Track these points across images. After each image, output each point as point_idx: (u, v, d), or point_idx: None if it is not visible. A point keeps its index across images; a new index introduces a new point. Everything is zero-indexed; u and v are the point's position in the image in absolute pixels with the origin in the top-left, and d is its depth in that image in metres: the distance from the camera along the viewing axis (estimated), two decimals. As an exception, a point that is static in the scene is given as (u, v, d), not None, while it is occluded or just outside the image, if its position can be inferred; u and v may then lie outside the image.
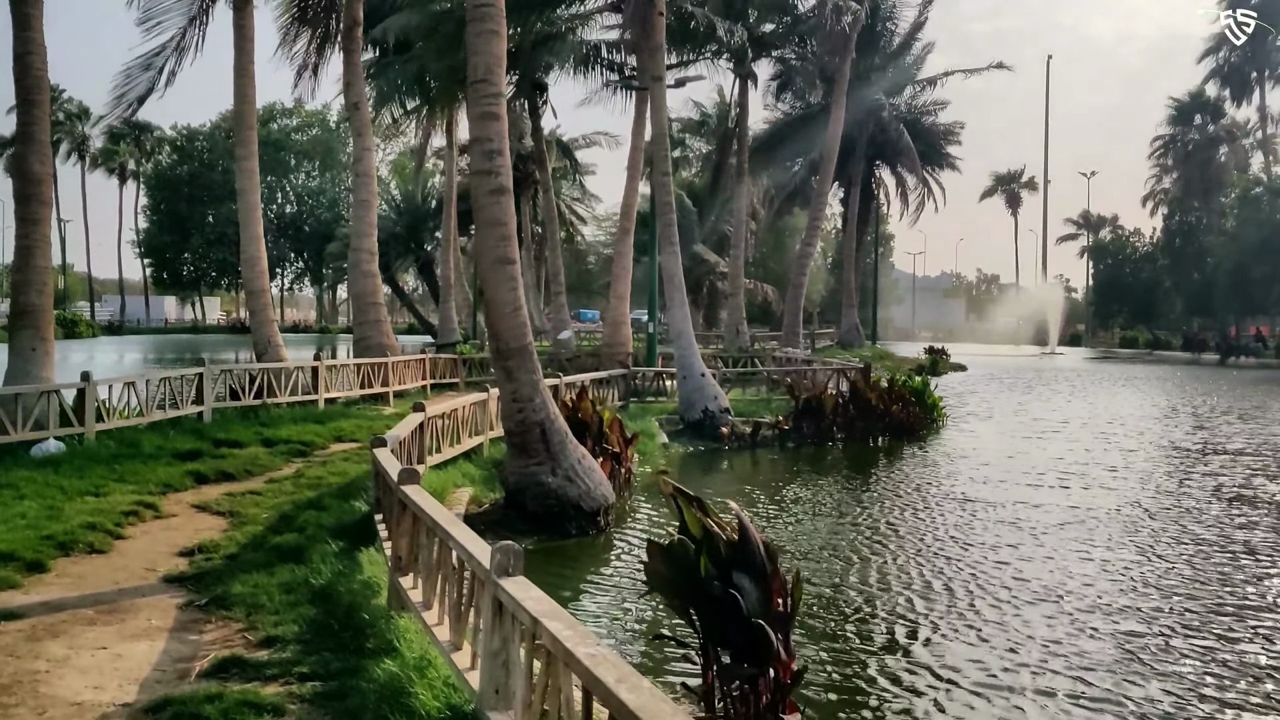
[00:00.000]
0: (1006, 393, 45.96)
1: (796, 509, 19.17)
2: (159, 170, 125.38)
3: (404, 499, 9.96)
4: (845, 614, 12.68)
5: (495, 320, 16.09)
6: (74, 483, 16.06)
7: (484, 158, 16.06)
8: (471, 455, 20.03)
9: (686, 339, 27.95)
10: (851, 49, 44.36)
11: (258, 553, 12.88)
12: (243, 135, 29.07)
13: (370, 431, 23.35)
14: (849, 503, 19.90)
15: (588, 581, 14.00)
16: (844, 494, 21.00)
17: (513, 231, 16.26)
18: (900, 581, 14.10)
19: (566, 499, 15.97)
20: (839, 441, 28.01)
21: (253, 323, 29.69)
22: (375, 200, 34.12)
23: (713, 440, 26.50)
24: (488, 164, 16.04)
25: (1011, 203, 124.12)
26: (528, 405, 16.08)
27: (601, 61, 44.93)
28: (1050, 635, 11.72)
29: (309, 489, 16.80)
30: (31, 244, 20.39)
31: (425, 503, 9.29)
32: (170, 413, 22.27)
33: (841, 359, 42.89)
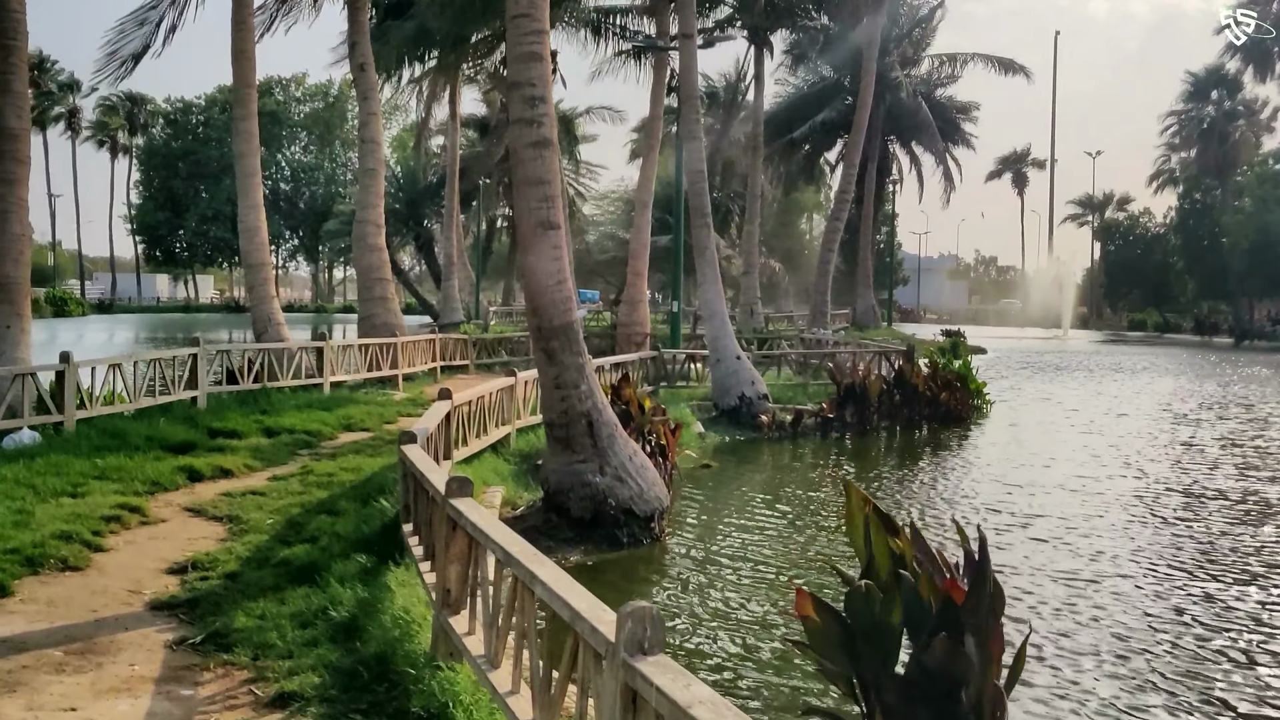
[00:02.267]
0: (1036, 377, 43.82)
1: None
2: (152, 145, 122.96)
3: (455, 517, 7.88)
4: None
5: (536, 294, 13.95)
6: (49, 481, 13.92)
7: (525, 105, 13.90)
8: (498, 447, 17.92)
9: (720, 319, 25.82)
10: (884, 8, 42.10)
11: (263, 570, 10.80)
12: (241, 94, 26.73)
13: (381, 419, 21.31)
14: (935, 499, 17.91)
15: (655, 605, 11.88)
16: (924, 488, 18.92)
17: (557, 191, 14.13)
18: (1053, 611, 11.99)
19: (617, 502, 13.87)
20: (882, 430, 25.95)
21: (252, 299, 27.37)
22: (382, 169, 31.93)
23: (751, 429, 24.39)
24: (529, 112, 13.89)
25: (1018, 183, 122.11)
26: (572, 393, 13.96)
27: (612, 28, 42.67)
28: None
29: (319, 488, 14.69)
30: (6, 208, 18.19)
31: (489, 526, 7.18)
32: (160, 398, 20.08)
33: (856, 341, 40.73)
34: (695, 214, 26.13)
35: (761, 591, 12.28)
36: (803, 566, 13.49)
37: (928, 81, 62.77)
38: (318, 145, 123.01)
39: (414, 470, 10.23)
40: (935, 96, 62.64)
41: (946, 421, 26.68)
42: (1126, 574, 13.31)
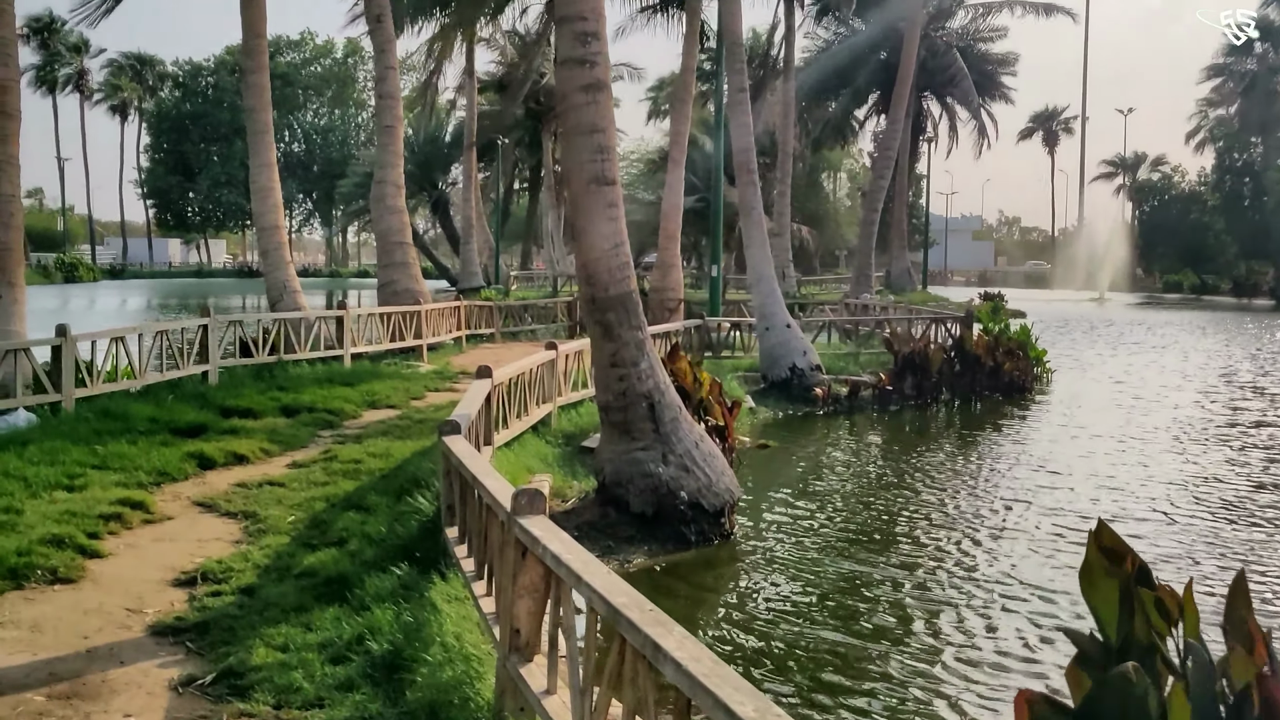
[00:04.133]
0: (1085, 342, 41.94)
1: (983, 500, 15.36)
2: (161, 108, 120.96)
3: (527, 543, 6.25)
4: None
5: (589, 260, 12.25)
6: (42, 471, 12.31)
7: (575, 41, 12.15)
8: (539, 427, 16.26)
9: (768, 283, 24.05)
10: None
11: (284, 583, 9.22)
12: (251, 44, 24.83)
13: (408, 394, 19.70)
14: (1041, 484, 16.12)
15: (737, 623, 10.20)
16: (1023, 480, 16.72)
17: (613, 142, 12.39)
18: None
19: (683, 495, 12.20)
20: (943, 403, 24.24)
21: (265, 265, 25.60)
22: (401, 126, 30.10)
23: (804, 403, 22.67)
24: (580, 50, 12.14)
25: (1049, 142, 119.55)
26: (631, 371, 12.28)
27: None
28: None
29: (345, 477, 13.06)
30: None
31: (581, 563, 5.54)
32: (168, 373, 18.42)
33: (907, 306, 38.81)
34: (741, 170, 24.35)
35: (871, 604, 10.62)
36: (909, 577, 11.84)
37: (964, 34, 60.53)
38: (330, 107, 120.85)
39: (464, 473, 8.60)
40: (972, 50, 60.37)
41: (1009, 392, 24.98)
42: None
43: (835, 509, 14.66)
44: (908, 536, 13.08)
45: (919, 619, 10.05)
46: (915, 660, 9.07)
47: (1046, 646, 9.28)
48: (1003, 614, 10.21)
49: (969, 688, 8.56)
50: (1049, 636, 9.48)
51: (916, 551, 12.43)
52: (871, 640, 9.50)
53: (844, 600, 10.63)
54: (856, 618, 10.11)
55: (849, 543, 12.76)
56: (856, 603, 10.53)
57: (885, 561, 11.99)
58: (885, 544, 12.78)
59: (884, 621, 10.04)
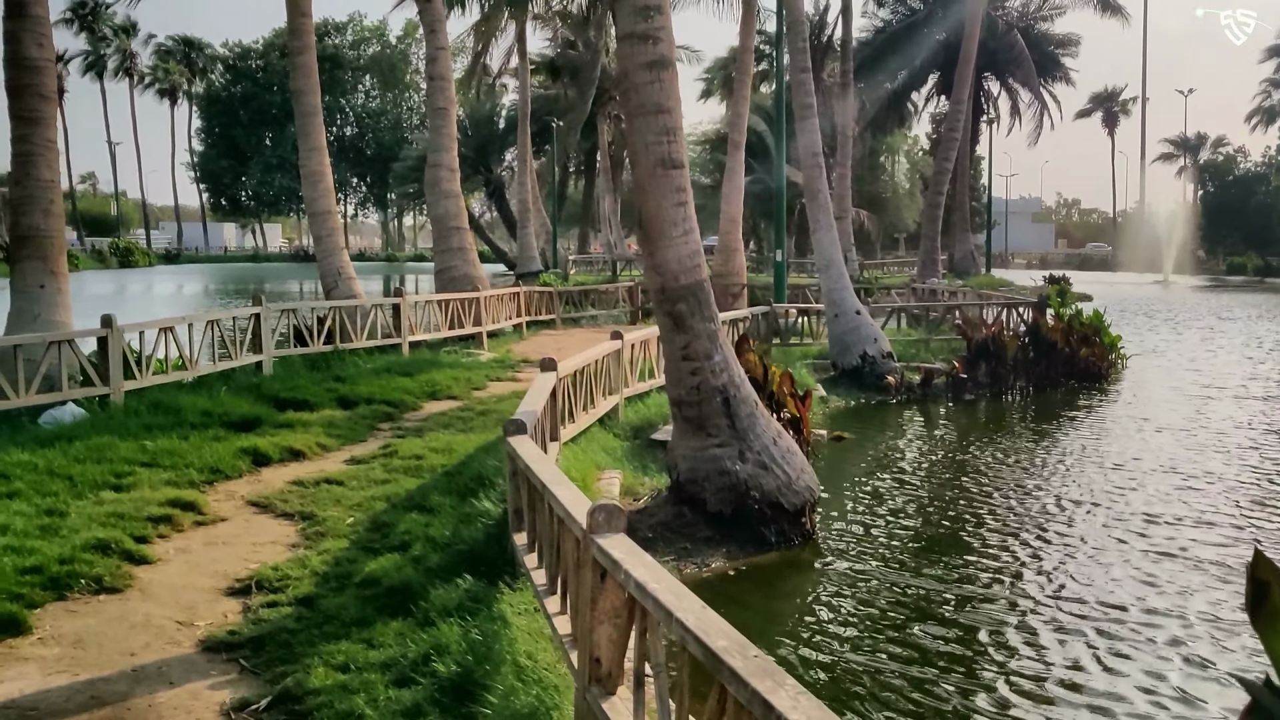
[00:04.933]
0: (1151, 326, 40.66)
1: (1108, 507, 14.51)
2: (211, 91, 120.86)
3: (607, 566, 5.60)
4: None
5: (658, 247, 11.54)
6: (88, 470, 11.79)
7: (637, 16, 11.44)
8: (605, 420, 15.59)
9: (837, 268, 23.27)
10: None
11: (344, 593, 8.62)
12: (297, 24, 24.19)
13: (469, 384, 19.09)
14: (1129, 484, 15.10)
15: (816, 639, 9.48)
16: (1113, 470, 15.92)
17: (679, 123, 11.68)
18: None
19: (761, 494, 11.50)
20: (1018, 390, 23.34)
21: (319, 250, 25.03)
22: (454, 108, 29.47)
23: (875, 391, 21.87)
24: (642, 25, 11.42)
25: (1109, 123, 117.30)
26: (705, 365, 11.57)
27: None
28: None
29: (406, 474, 12.44)
30: (31, 150, 15.93)
31: (669, 594, 4.86)
32: (220, 364, 17.92)
33: (977, 291, 37.72)
34: (805, 152, 23.55)
35: (956, 629, 9.87)
36: (999, 581, 11.08)
37: (1024, 15, 59.17)
38: (381, 89, 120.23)
39: (532, 479, 7.95)
40: (1032, 30, 58.96)
41: (1084, 380, 24.03)
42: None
43: (917, 508, 13.88)
44: (995, 545, 12.18)
45: (1012, 649, 9.17)
46: (1014, 705, 8.26)
47: (1158, 681, 8.46)
48: (1103, 639, 9.40)
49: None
50: (1156, 669, 8.67)
51: (1004, 563, 11.52)
52: (956, 674, 8.71)
53: (926, 616, 9.82)
54: (941, 642, 9.31)
55: (931, 549, 11.99)
56: (940, 625, 9.67)
57: (971, 573, 11.13)
58: (969, 551, 11.94)
59: (972, 651, 9.21)
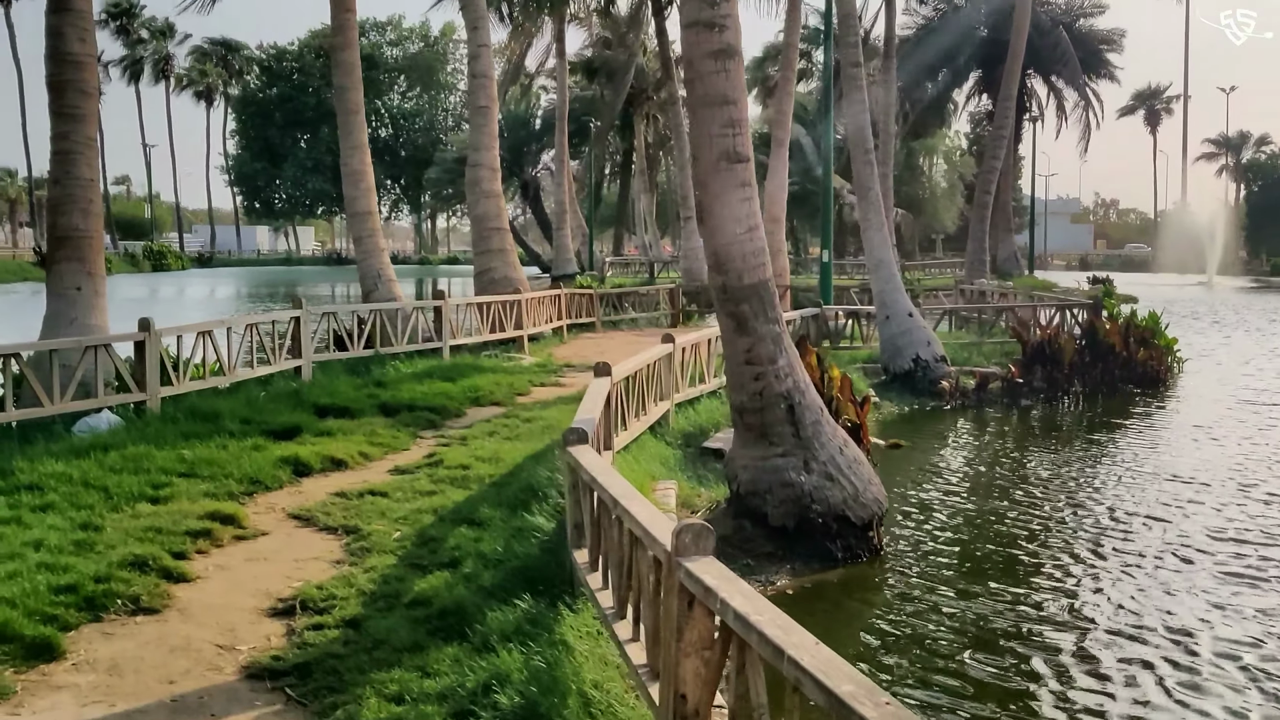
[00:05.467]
0: (1200, 327, 39.66)
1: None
2: (246, 93, 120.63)
3: (699, 595, 5.09)
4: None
5: (720, 244, 10.99)
6: (124, 480, 11.31)
7: (703, 3, 10.88)
8: (655, 426, 15.02)
9: (888, 269, 22.63)
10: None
11: (394, 615, 8.11)
12: (340, 20, 23.74)
13: (512, 389, 18.57)
14: (1199, 498, 14.33)
15: (881, 661, 8.88)
16: (1183, 484, 15.07)
17: (745, 115, 11.12)
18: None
19: (827, 506, 10.92)
20: (1075, 395, 22.62)
21: (358, 252, 24.51)
22: (496, 107, 28.96)
23: (929, 396, 21.23)
24: (709, 12, 10.87)
25: (1151, 121, 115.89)
26: (769, 369, 11.00)
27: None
28: None
29: (453, 485, 11.91)
30: (72, 148, 15.49)
31: (777, 629, 4.32)
32: (259, 369, 17.44)
33: (1028, 292, 36.74)
34: (856, 150, 22.96)
35: (1028, 666, 9.25)
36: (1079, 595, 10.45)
37: (1068, 10, 58.20)
38: (418, 90, 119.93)
39: (600, 493, 7.42)
40: (1076, 26, 57.94)
41: (1143, 384, 23.30)
42: None
43: (978, 522, 13.20)
44: (1057, 563, 11.50)
45: (1072, 680, 8.54)
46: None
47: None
48: (1171, 670, 8.76)
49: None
50: (1235, 705, 8.00)
51: (1066, 584, 10.81)
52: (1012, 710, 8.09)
53: (983, 645, 9.18)
54: (999, 672, 8.69)
55: (992, 566, 11.36)
56: (997, 654, 9.05)
57: (1033, 595, 10.45)
58: (1030, 569, 11.26)
59: (1034, 684, 8.56)
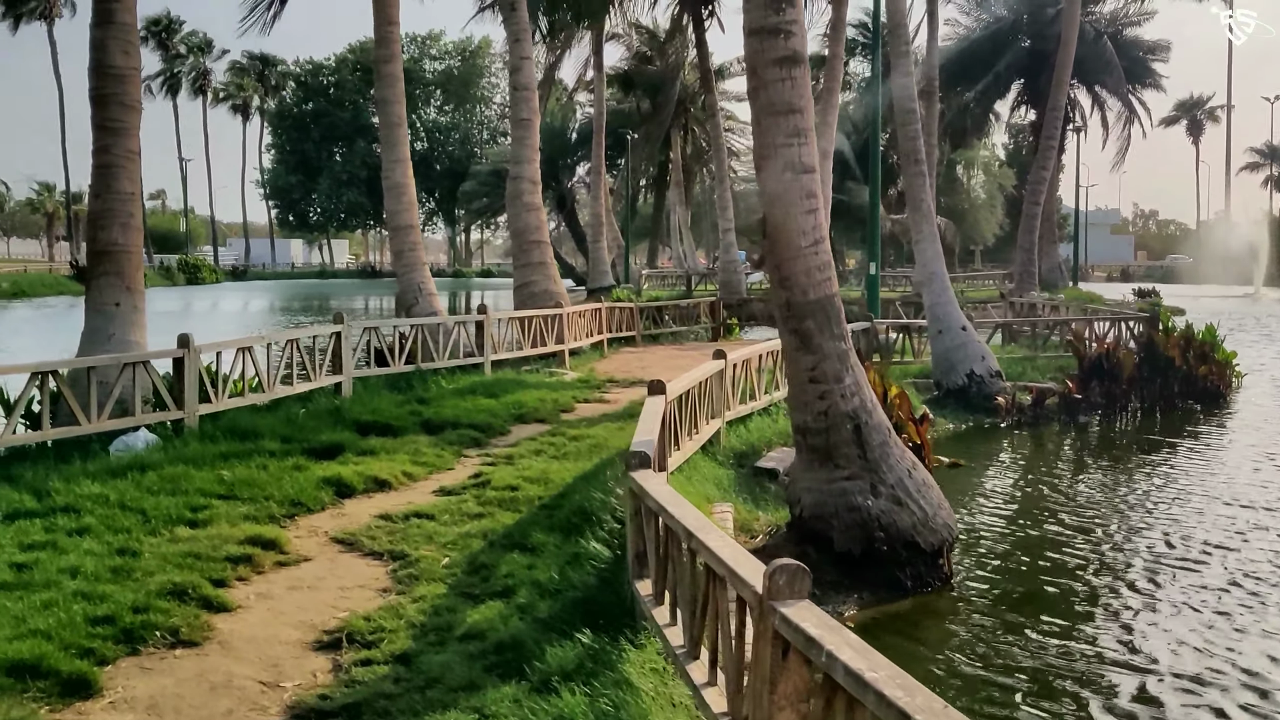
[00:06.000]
0: (1256, 341, 38.67)
1: None
2: (283, 107, 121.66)
3: (792, 639, 4.64)
4: None
5: (785, 258, 10.50)
6: (162, 502, 10.91)
7: (768, 9, 10.42)
8: (706, 446, 14.49)
9: (940, 282, 22.05)
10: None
11: (446, 649, 7.67)
12: (383, 32, 23.39)
13: (556, 406, 18.11)
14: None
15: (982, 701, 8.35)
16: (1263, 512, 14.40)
17: (810, 124, 10.64)
18: None
19: (896, 532, 10.40)
20: (1134, 411, 21.97)
21: (399, 266, 24.05)
22: (537, 119, 28.54)
23: (984, 413, 20.62)
24: (774, 18, 10.40)
25: (1193, 131, 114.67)
26: (834, 388, 10.49)
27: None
28: None
29: (501, 508, 11.42)
30: (113, 162, 15.13)
31: (899, 690, 3.83)
32: (299, 385, 17.02)
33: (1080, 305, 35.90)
34: (907, 159, 22.44)
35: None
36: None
37: (1113, 19, 57.31)
38: (453, 105, 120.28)
39: (670, 523, 6.94)
40: (1121, 35, 57.00)
41: (1203, 399, 22.63)
42: None
43: (1047, 548, 12.59)
44: (1121, 596, 10.92)
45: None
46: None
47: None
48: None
49: None
50: None
51: (1132, 619, 10.24)
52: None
53: (1058, 691, 8.65)
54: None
55: (1062, 600, 10.80)
56: (1069, 703, 8.52)
57: (1098, 630, 9.88)
58: (1094, 602, 10.73)
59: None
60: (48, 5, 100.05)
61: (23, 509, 10.53)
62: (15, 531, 9.89)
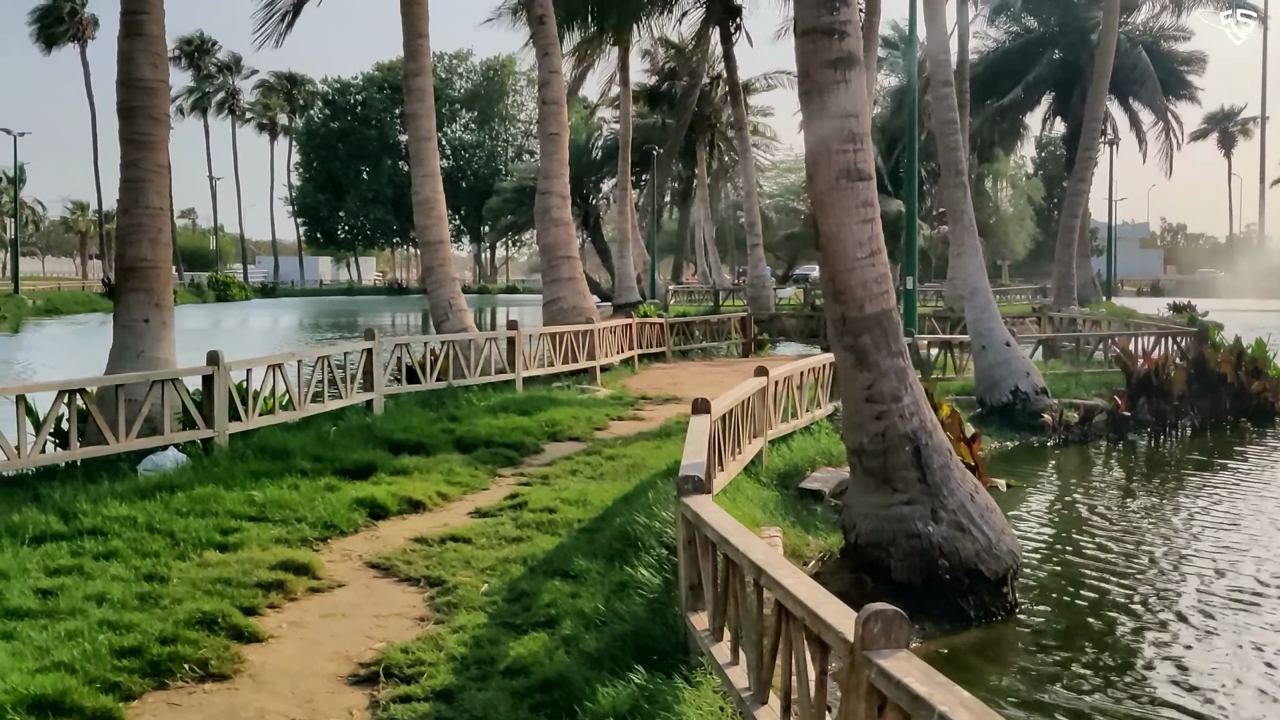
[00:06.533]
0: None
1: None
2: (311, 126, 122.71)
3: (892, 695, 4.19)
4: None
5: (839, 270, 10.02)
6: (191, 524, 10.54)
7: (821, 8, 9.96)
8: (749, 466, 13.98)
9: (983, 296, 21.48)
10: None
11: (488, 685, 7.23)
12: (413, 45, 23.01)
13: (590, 423, 17.68)
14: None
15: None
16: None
17: (867, 129, 10.15)
18: None
19: (959, 560, 9.87)
20: (1186, 429, 21.34)
21: (429, 282, 23.60)
22: (566, 133, 28.16)
23: (1029, 430, 20.02)
24: (827, 17, 9.93)
25: (1225, 144, 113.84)
26: (892, 408, 9.99)
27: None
28: None
29: (539, 531, 10.97)
30: (141, 176, 14.79)
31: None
32: (330, 403, 16.61)
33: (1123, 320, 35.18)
34: (948, 171, 21.93)
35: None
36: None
37: (1146, 30, 56.56)
38: (479, 122, 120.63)
39: (733, 555, 6.45)
40: (1159, 48, 56.18)
41: (1257, 417, 21.94)
42: None
43: (1106, 577, 11.87)
44: (1186, 632, 10.24)
45: None
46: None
47: None
48: None
49: None
50: None
51: (1198, 664, 9.64)
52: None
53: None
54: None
55: (1127, 638, 10.14)
56: None
57: (1158, 675, 9.28)
58: (1164, 644, 10.03)
59: None
60: (80, 27, 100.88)
61: (49, 531, 10.23)
62: (41, 555, 9.57)
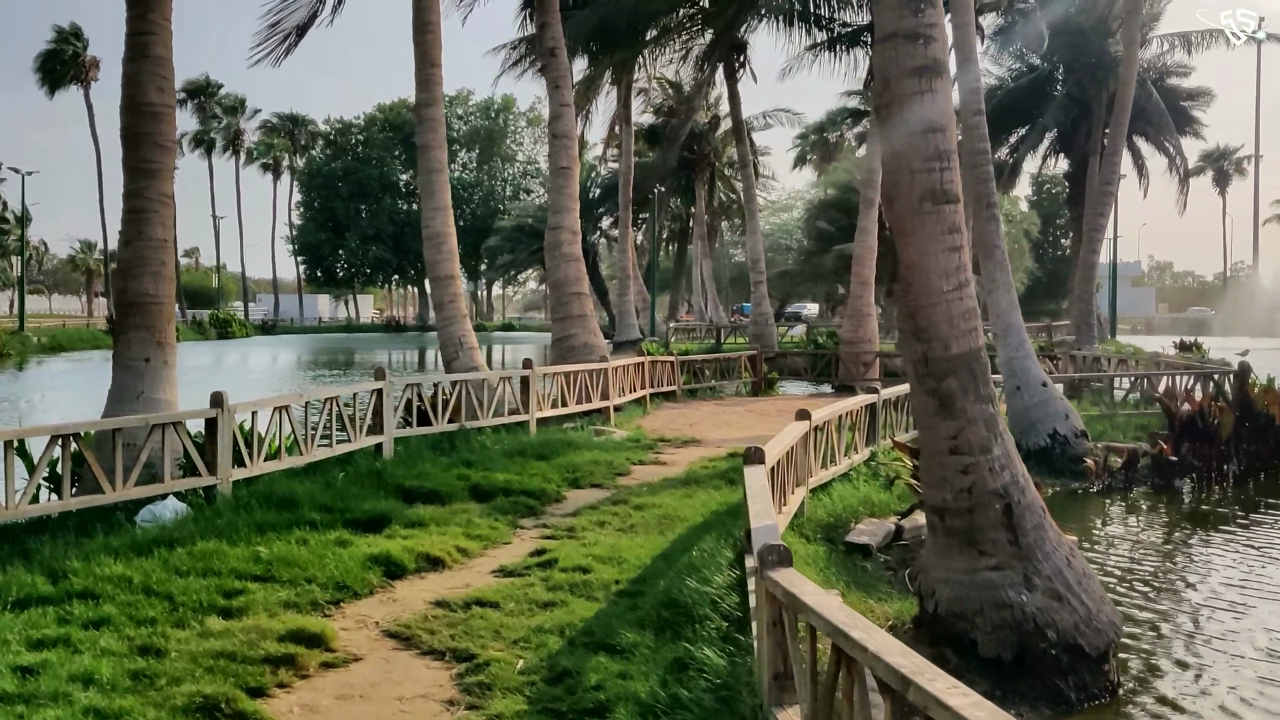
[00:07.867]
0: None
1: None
2: (313, 165, 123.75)
3: None
4: None
5: (923, 304, 8.96)
6: (192, 585, 9.46)
7: (904, 10, 8.95)
8: (792, 519, 12.85)
9: (1017, 334, 20.43)
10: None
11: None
12: (426, 75, 21.87)
13: (611, 468, 16.62)
14: None
15: None
16: None
17: (953, 145, 9.12)
18: None
19: (1056, 633, 8.75)
20: (1232, 474, 20.25)
21: (440, 318, 22.38)
22: (577, 168, 27.19)
23: (1069, 476, 18.92)
24: (911, 21, 8.93)
25: (1220, 182, 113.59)
26: (980, 460, 8.91)
27: (809, 18, 37.47)
28: None
29: (573, 594, 9.87)
30: (146, 206, 13.73)
31: None
32: (339, 447, 15.47)
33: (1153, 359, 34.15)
34: (979, 203, 20.88)
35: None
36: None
37: (1150, 67, 55.94)
38: (479, 162, 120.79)
39: (857, 656, 5.29)
40: (1165, 84, 55.56)
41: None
42: None
43: (1200, 643, 10.86)
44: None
45: None
46: None
47: None
48: None
49: None
50: None
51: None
52: None
53: None
54: None
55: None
56: None
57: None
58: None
59: None
60: (82, 69, 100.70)
61: (35, 594, 9.12)
62: (24, 623, 8.44)
